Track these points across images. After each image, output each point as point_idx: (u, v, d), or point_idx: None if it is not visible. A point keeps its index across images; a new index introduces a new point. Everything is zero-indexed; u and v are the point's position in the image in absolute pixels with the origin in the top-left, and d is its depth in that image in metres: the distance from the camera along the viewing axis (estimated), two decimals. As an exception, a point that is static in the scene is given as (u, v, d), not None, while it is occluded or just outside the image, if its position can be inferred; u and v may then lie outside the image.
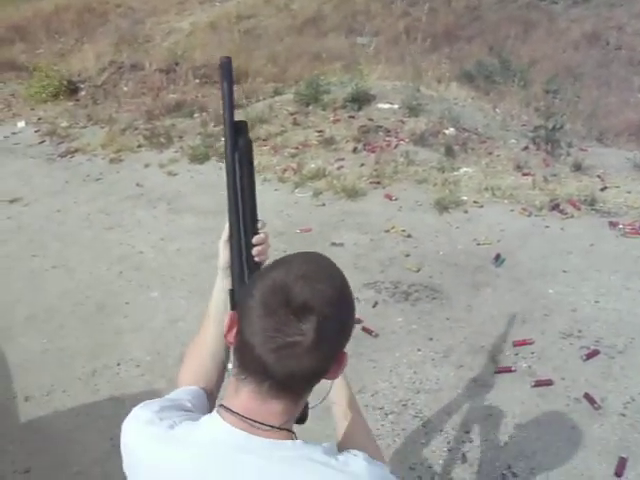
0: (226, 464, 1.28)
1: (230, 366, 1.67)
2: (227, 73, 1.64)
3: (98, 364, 4.71)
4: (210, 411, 1.42)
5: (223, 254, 1.68)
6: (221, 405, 1.36)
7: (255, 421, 1.29)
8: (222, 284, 1.69)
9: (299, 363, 1.25)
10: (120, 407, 4.15)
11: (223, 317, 1.56)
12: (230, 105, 1.65)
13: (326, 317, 1.26)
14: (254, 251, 1.65)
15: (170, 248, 6.40)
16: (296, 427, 1.37)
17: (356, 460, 1.32)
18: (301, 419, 1.45)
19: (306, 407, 1.47)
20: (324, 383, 1.40)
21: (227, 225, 1.68)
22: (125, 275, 5.94)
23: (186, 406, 1.50)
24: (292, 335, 1.24)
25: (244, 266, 1.65)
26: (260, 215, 1.67)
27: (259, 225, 1.68)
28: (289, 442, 1.30)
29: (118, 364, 4.70)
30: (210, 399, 1.62)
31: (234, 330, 1.36)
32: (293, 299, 1.26)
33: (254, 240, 1.65)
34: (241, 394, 1.32)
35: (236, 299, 1.60)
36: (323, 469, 1.27)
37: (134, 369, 4.64)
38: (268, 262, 1.53)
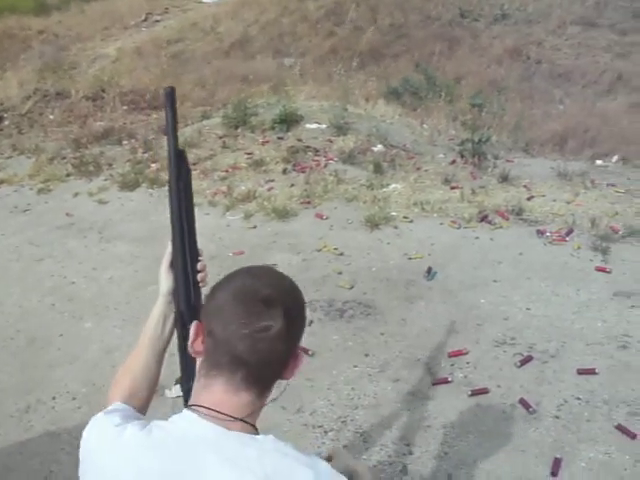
0: (200, 458, 1.33)
1: (167, 392, 1.69)
2: (170, 102, 1.68)
3: (32, 399, 4.57)
4: None
5: (166, 281, 1.73)
6: (190, 405, 1.42)
7: (221, 412, 1.36)
8: (162, 309, 1.73)
9: (271, 347, 1.36)
10: (56, 442, 4.07)
11: (158, 340, 1.72)
12: (174, 134, 1.69)
13: (289, 307, 1.40)
14: (198, 277, 1.72)
15: (103, 277, 6.30)
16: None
17: (321, 461, 1.41)
18: None
19: None
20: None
21: (168, 251, 1.73)
22: (57, 307, 5.81)
23: (138, 415, 1.57)
24: (265, 320, 1.35)
25: (191, 291, 1.70)
26: None
27: (200, 252, 1.75)
28: (261, 436, 1.38)
29: (53, 398, 4.57)
30: (140, 418, 1.63)
31: (200, 338, 1.45)
32: (260, 291, 1.39)
33: (198, 266, 1.72)
34: (212, 388, 1.40)
35: (185, 319, 1.67)
36: (296, 464, 1.34)
37: (70, 402, 4.52)
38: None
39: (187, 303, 1.69)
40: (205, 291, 1.67)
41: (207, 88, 12.92)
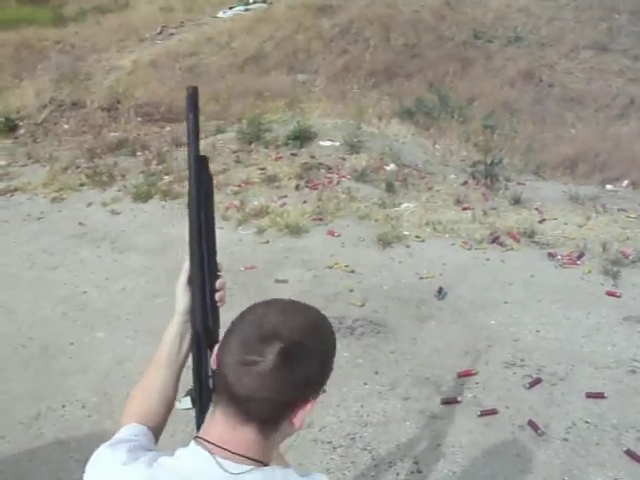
0: None
1: (177, 404, 1.67)
2: (192, 104, 1.60)
3: (42, 407, 4.58)
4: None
5: (183, 298, 1.64)
6: (196, 437, 1.39)
7: (230, 451, 1.33)
8: (178, 329, 1.64)
9: (255, 384, 1.29)
10: (65, 451, 4.08)
11: (175, 361, 1.64)
12: (195, 138, 1.61)
13: (293, 345, 1.31)
14: (217, 296, 1.63)
15: (115, 287, 6.33)
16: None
17: (322, 479, 1.41)
18: None
19: None
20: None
21: (185, 267, 1.64)
22: (69, 315, 5.84)
23: (149, 446, 1.51)
24: (252, 354, 1.30)
25: (208, 311, 1.61)
26: None
27: (219, 268, 1.66)
28: (269, 468, 1.36)
29: (63, 406, 4.59)
30: (156, 439, 1.61)
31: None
32: (264, 325, 1.33)
33: (217, 284, 1.63)
34: (215, 419, 1.37)
35: (201, 340, 1.60)
36: None
37: (80, 410, 4.54)
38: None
39: (204, 324, 1.61)
40: (223, 310, 1.66)
41: (221, 102, 12.97)
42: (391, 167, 9.07)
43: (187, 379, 1.68)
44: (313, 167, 9.09)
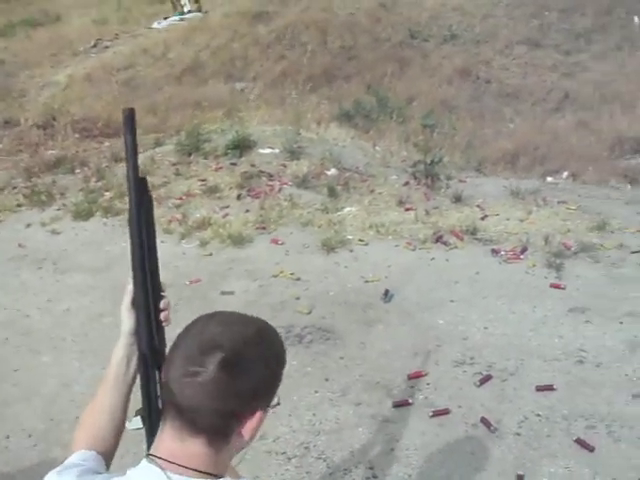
0: None
1: (128, 424, 1.64)
2: (130, 125, 1.59)
3: (-15, 439, 4.47)
4: None
5: (128, 320, 1.63)
6: (147, 454, 1.38)
7: (182, 466, 1.32)
8: (124, 351, 1.64)
9: (198, 395, 1.30)
10: (10, 484, 3.99)
11: (123, 383, 1.64)
12: (134, 160, 1.60)
13: (234, 354, 1.32)
14: (161, 316, 1.63)
15: (58, 309, 6.20)
16: None
17: None
18: None
19: None
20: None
21: (129, 288, 1.63)
22: (12, 341, 5.70)
23: (98, 469, 1.50)
24: (194, 366, 1.30)
25: (154, 332, 1.61)
26: None
27: (162, 287, 1.66)
28: None
29: (7, 437, 4.47)
30: (107, 464, 1.60)
31: None
32: (205, 336, 1.35)
33: (161, 304, 1.63)
34: (164, 434, 1.36)
35: (148, 361, 1.59)
36: None
37: (26, 440, 4.43)
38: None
39: (149, 344, 1.60)
40: (169, 327, 1.65)
41: (159, 115, 12.80)
42: (332, 172, 9.06)
43: (137, 399, 1.65)
44: (254, 175, 9.02)
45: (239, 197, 8.50)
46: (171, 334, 1.54)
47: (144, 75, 15.82)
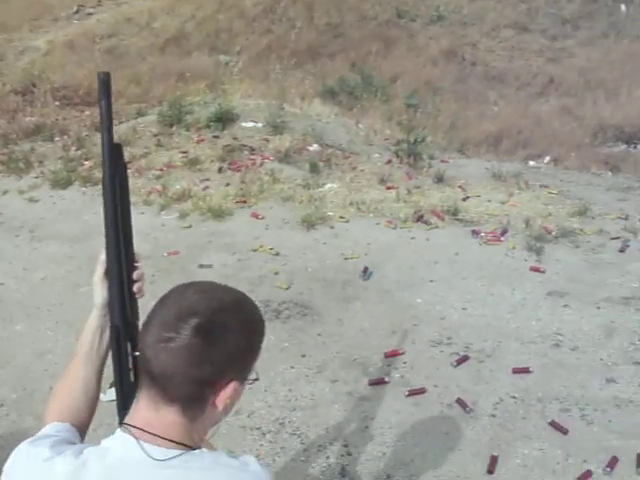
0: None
1: (102, 396, 1.62)
2: (105, 90, 1.55)
3: (-44, 407, 4.40)
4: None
5: (101, 291, 1.61)
6: (123, 423, 1.37)
7: (157, 435, 1.31)
8: (97, 322, 1.62)
9: (172, 360, 1.28)
10: (-19, 453, 3.93)
11: (96, 356, 1.61)
12: (109, 125, 1.55)
13: (208, 320, 1.30)
14: (135, 287, 1.60)
15: (34, 278, 6.11)
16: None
17: (251, 460, 1.37)
18: None
19: None
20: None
21: (102, 258, 1.60)
22: (-15, 309, 5.64)
23: (72, 441, 1.47)
24: (169, 331, 1.29)
25: (126, 303, 1.58)
26: None
27: (136, 258, 1.63)
28: (197, 451, 1.34)
29: (-22, 405, 4.42)
30: (82, 437, 1.57)
31: None
32: (182, 303, 1.34)
33: (134, 275, 1.60)
34: (139, 404, 1.35)
35: (121, 333, 1.56)
36: (232, 471, 1.32)
37: (-3, 408, 4.38)
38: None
39: (122, 317, 1.57)
40: (146, 298, 1.61)
41: (142, 85, 12.70)
42: (314, 147, 9.02)
43: (111, 370, 1.62)
44: (236, 149, 8.97)
45: (220, 170, 8.44)
46: (147, 306, 1.49)
47: (127, 44, 15.67)
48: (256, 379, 1.45)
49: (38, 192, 8.24)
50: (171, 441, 1.31)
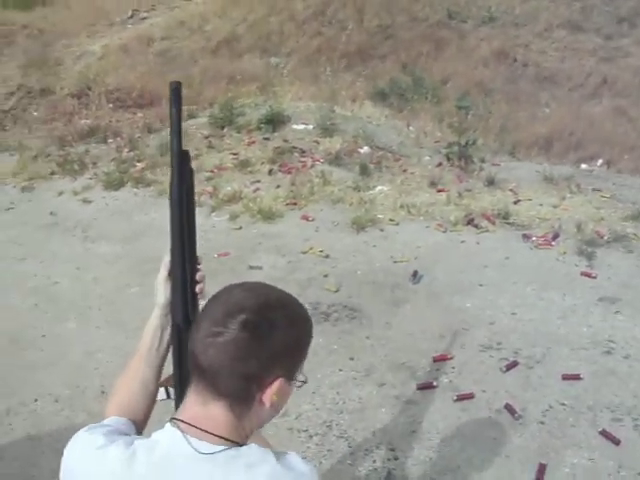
0: (189, 474, 1.32)
1: (159, 397, 1.66)
2: (176, 98, 1.59)
3: (13, 402, 4.49)
4: None
5: (164, 291, 1.66)
6: (172, 418, 1.40)
7: (204, 430, 1.34)
8: (158, 321, 1.67)
9: (219, 355, 1.32)
10: (37, 446, 4.01)
11: (156, 354, 1.67)
12: (178, 132, 1.60)
13: (256, 316, 1.34)
14: (197, 288, 1.65)
15: (86, 277, 6.24)
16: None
17: (297, 459, 1.38)
18: None
19: None
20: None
21: (166, 260, 1.65)
22: (40, 307, 5.75)
23: (125, 431, 1.52)
24: (217, 327, 1.32)
25: (189, 304, 1.63)
26: None
27: (198, 260, 1.68)
28: (245, 447, 1.36)
29: (35, 400, 4.50)
30: (139, 433, 1.61)
31: None
32: (231, 300, 1.38)
33: (197, 277, 1.65)
34: (189, 398, 1.39)
35: (182, 333, 1.59)
36: (276, 469, 1.33)
37: (52, 405, 4.46)
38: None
39: (184, 316, 1.61)
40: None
41: (194, 87, 12.77)
42: (365, 150, 9.02)
43: (166, 370, 1.69)
44: (286, 151, 9.01)
45: (271, 172, 8.49)
46: (201, 307, 1.54)
47: (180, 47, 15.79)
48: (304, 382, 1.47)
49: (91, 193, 8.40)
50: (217, 436, 1.34)
